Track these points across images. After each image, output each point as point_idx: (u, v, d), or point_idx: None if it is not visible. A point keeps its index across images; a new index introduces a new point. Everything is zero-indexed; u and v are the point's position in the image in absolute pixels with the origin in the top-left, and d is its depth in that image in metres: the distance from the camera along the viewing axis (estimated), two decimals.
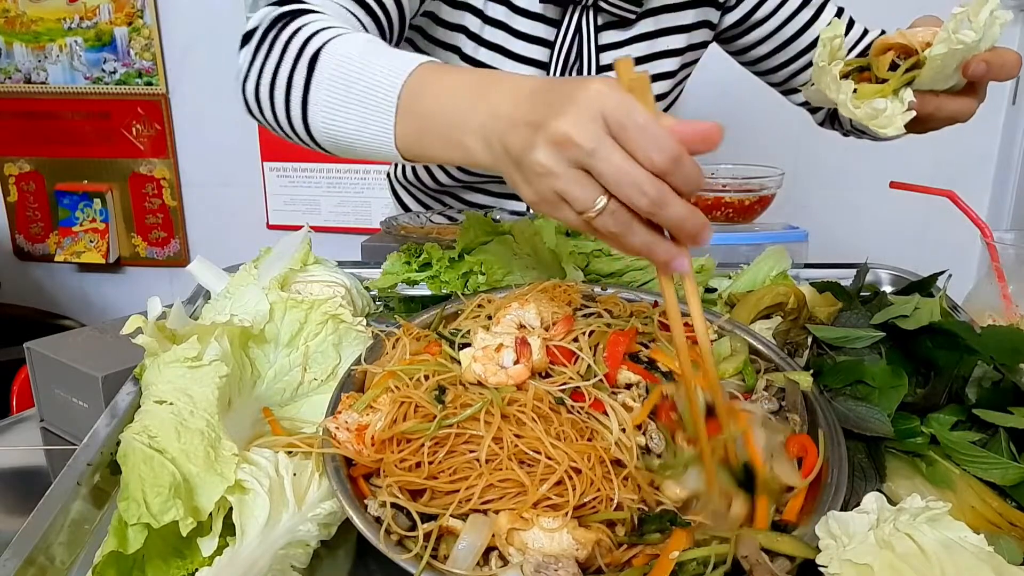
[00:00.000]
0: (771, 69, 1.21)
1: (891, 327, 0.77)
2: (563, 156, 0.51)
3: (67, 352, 0.87)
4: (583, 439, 0.61)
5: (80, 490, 0.65)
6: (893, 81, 0.80)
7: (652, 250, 0.54)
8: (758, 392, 0.71)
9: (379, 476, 0.63)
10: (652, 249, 0.53)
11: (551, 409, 0.63)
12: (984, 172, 2.22)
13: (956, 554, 0.51)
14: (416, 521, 0.58)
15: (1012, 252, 0.96)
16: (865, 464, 0.68)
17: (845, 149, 2.35)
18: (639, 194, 0.50)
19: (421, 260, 1.01)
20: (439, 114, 0.61)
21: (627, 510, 0.58)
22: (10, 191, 2.52)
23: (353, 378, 0.73)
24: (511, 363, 0.66)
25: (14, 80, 2.40)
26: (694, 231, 0.52)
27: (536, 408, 0.62)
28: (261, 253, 0.93)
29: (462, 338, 0.72)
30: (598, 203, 0.51)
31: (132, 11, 2.28)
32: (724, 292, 0.93)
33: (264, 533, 0.59)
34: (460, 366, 0.67)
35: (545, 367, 0.67)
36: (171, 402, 0.65)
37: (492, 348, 0.66)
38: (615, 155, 0.50)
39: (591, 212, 0.52)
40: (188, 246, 2.54)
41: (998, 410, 0.67)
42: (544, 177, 0.52)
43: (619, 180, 0.50)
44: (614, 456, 0.61)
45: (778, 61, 1.19)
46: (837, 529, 0.55)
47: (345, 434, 0.66)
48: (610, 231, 0.53)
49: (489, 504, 0.58)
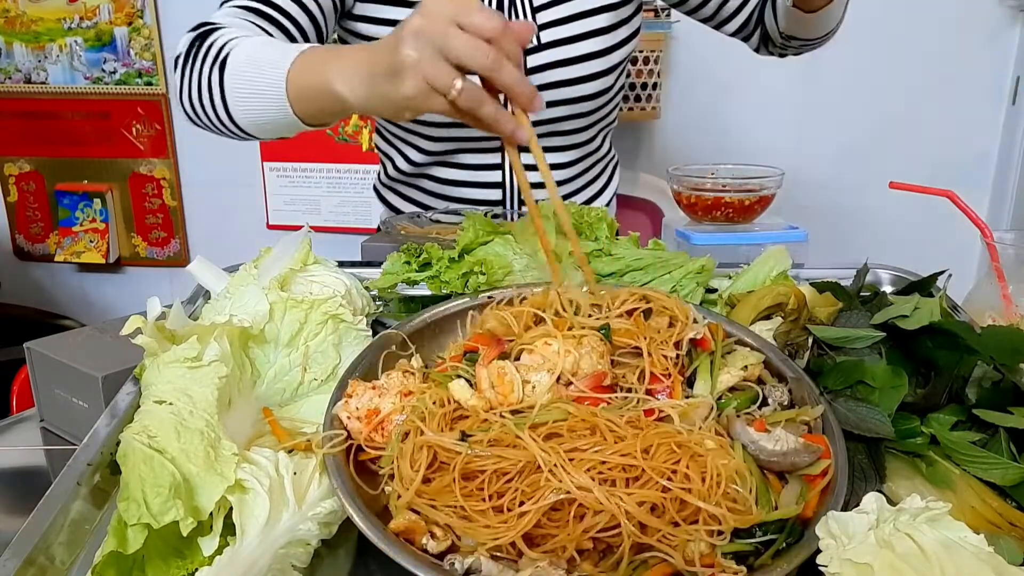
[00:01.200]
0: (700, 3, 1.22)
1: (891, 327, 0.77)
2: (422, 43, 0.66)
3: (67, 352, 0.87)
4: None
5: (80, 490, 0.64)
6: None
7: (499, 119, 0.68)
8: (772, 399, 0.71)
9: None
10: (499, 118, 0.68)
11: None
12: (984, 172, 2.22)
13: (956, 554, 0.51)
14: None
15: (1012, 252, 0.96)
16: (865, 464, 0.68)
17: (845, 149, 2.35)
18: (483, 57, 0.65)
19: (421, 260, 1.01)
20: (312, 80, 0.79)
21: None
22: (10, 191, 2.52)
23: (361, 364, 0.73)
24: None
25: (14, 80, 2.40)
26: (527, 94, 0.68)
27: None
28: (261, 253, 0.93)
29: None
30: (456, 83, 0.66)
31: (132, 11, 2.28)
32: (724, 292, 0.93)
33: (264, 532, 0.58)
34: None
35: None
36: (171, 402, 0.65)
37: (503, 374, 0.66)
38: (460, 35, 0.65)
39: (453, 92, 0.66)
40: (188, 246, 2.54)
41: (998, 410, 0.67)
42: (412, 68, 0.67)
43: (465, 50, 0.65)
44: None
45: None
46: (837, 529, 0.55)
47: (356, 423, 0.67)
48: (468, 107, 0.67)
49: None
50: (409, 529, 0.59)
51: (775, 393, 0.72)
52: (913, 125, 2.17)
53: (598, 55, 1.16)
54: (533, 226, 0.97)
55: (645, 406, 0.66)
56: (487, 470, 0.59)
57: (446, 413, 0.65)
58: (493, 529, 0.57)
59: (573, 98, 1.18)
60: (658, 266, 0.94)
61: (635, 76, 2.04)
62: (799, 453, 0.63)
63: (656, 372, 0.69)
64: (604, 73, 1.17)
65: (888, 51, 2.12)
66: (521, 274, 0.94)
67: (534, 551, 0.57)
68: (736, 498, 0.59)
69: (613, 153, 1.41)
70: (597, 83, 1.18)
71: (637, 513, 0.56)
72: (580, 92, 1.17)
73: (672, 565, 0.56)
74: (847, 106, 2.16)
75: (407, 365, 0.75)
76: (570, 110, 1.19)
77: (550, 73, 1.15)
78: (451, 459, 0.61)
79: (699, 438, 0.62)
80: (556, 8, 1.13)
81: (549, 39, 1.13)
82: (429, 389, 0.69)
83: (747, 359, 0.74)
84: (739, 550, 0.58)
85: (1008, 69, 2.14)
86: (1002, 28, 2.12)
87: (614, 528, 0.56)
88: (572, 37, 1.14)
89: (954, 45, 2.13)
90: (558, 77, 1.15)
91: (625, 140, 1.47)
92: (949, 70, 2.14)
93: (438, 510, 0.59)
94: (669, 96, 2.17)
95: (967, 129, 2.18)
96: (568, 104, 1.18)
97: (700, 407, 0.67)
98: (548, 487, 0.57)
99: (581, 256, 0.79)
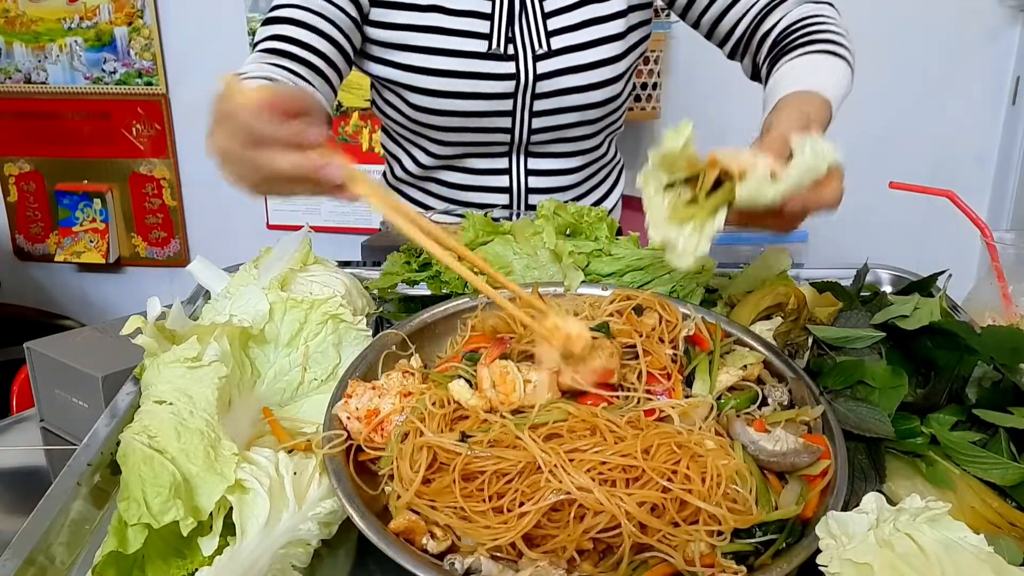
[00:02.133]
0: (697, 19, 1.17)
1: (891, 327, 0.77)
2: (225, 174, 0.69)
3: (67, 352, 0.87)
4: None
5: (80, 490, 0.65)
6: (701, 212, 0.70)
7: (302, 165, 0.65)
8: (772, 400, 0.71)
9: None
10: (302, 164, 0.65)
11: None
12: (984, 172, 2.22)
13: (956, 554, 0.51)
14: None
15: (1012, 252, 0.96)
16: (865, 464, 0.68)
17: (845, 149, 2.35)
18: (244, 144, 0.65)
19: (421, 260, 1.01)
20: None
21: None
22: (10, 191, 2.52)
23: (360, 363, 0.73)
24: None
25: (14, 80, 2.40)
26: (305, 138, 0.65)
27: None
28: (261, 253, 0.93)
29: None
30: (261, 189, 0.68)
31: (132, 11, 2.28)
32: (724, 292, 0.93)
33: (264, 532, 0.58)
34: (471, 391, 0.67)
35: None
36: (171, 402, 0.65)
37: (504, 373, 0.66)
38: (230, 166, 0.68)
39: (259, 192, 0.68)
40: (188, 246, 2.54)
41: (998, 410, 0.67)
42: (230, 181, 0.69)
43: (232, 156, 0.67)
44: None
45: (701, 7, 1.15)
46: (837, 529, 0.55)
47: (356, 424, 0.67)
48: (280, 190, 0.68)
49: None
50: (409, 529, 0.59)
51: (775, 393, 0.72)
52: (913, 125, 2.16)
53: (608, 62, 1.15)
54: (532, 227, 0.98)
55: (645, 406, 0.66)
56: (487, 471, 0.59)
57: (446, 414, 0.65)
58: (493, 530, 0.57)
59: (582, 105, 1.17)
60: (658, 266, 0.94)
61: (635, 76, 2.04)
62: (799, 453, 0.63)
63: (654, 372, 0.69)
64: (614, 80, 1.17)
65: (888, 51, 2.12)
66: (521, 274, 0.94)
67: (534, 551, 0.57)
68: (736, 498, 0.59)
69: (619, 157, 1.40)
70: (606, 90, 1.17)
71: (637, 513, 0.56)
72: (589, 99, 1.16)
73: (672, 565, 0.56)
74: (847, 106, 2.15)
75: (407, 365, 0.75)
76: (579, 117, 1.18)
77: (559, 80, 1.14)
78: (451, 460, 0.61)
79: (699, 438, 0.62)
80: (567, 15, 1.13)
81: (559, 46, 1.12)
82: (429, 390, 0.69)
83: (746, 359, 0.74)
84: (739, 550, 0.58)
85: (1008, 69, 2.14)
86: (1002, 28, 2.12)
87: (614, 528, 0.56)
88: (582, 44, 1.13)
89: (954, 45, 2.12)
90: (567, 84, 1.14)
91: (625, 140, 1.48)
92: (949, 70, 2.14)
93: (438, 511, 0.59)
94: (669, 96, 2.16)
95: (967, 129, 2.17)
96: (577, 111, 1.17)
97: (700, 407, 0.67)
98: (548, 488, 0.57)
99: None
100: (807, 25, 1.02)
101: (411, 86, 1.13)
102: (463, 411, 0.66)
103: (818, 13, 1.04)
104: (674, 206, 0.71)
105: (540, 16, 1.12)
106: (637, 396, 0.67)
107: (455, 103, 1.14)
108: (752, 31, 1.10)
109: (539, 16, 1.12)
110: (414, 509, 0.60)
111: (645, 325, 0.73)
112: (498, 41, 1.12)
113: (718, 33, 1.15)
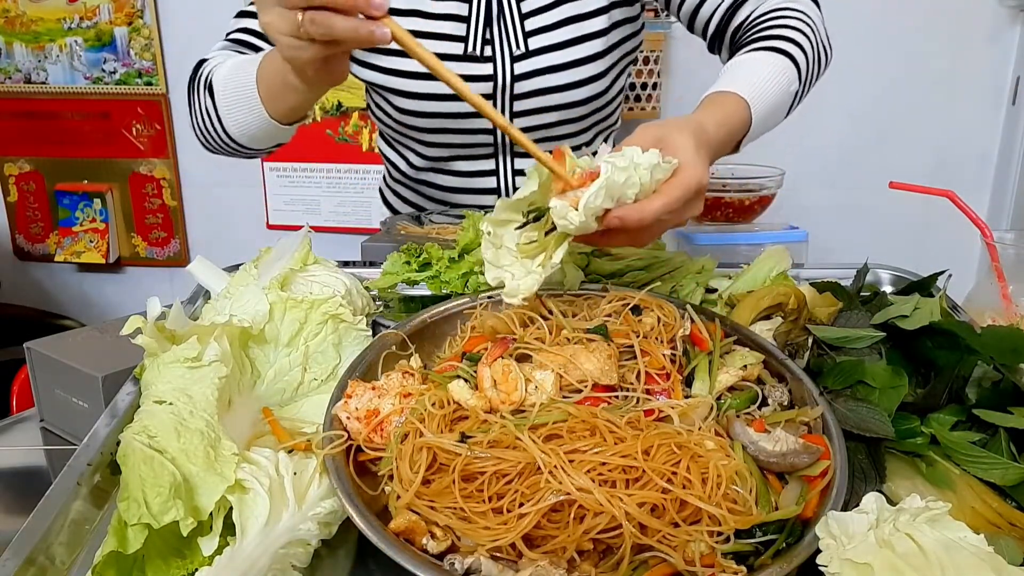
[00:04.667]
0: (677, 10, 1.17)
1: (891, 327, 0.77)
2: (264, 7, 0.73)
3: (67, 352, 0.87)
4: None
5: (80, 490, 0.64)
6: (546, 247, 0.72)
7: (356, 28, 0.68)
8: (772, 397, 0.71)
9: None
10: (356, 27, 0.68)
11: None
12: (984, 172, 2.22)
13: (956, 554, 0.51)
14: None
15: (1012, 252, 0.96)
16: (865, 464, 0.68)
17: (845, 149, 2.35)
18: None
19: (421, 260, 1.01)
20: (269, 68, 0.90)
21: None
22: (10, 191, 2.52)
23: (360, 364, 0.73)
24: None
25: (14, 80, 2.40)
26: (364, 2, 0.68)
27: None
28: (261, 253, 0.93)
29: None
30: (298, 18, 0.70)
31: (132, 11, 2.28)
32: (724, 292, 0.93)
33: (264, 532, 0.58)
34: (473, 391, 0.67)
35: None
36: (171, 402, 0.65)
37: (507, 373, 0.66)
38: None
39: (301, 29, 0.70)
40: (188, 246, 2.54)
41: (998, 410, 0.67)
42: (268, 28, 0.73)
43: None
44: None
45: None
46: (837, 529, 0.55)
47: (355, 424, 0.67)
48: (323, 33, 0.69)
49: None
50: (409, 529, 0.59)
51: (775, 393, 0.72)
52: (913, 125, 2.16)
53: (589, 60, 1.15)
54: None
55: (645, 406, 0.66)
56: (487, 471, 0.59)
57: (445, 414, 0.65)
58: (493, 531, 0.57)
59: (563, 104, 1.17)
60: (658, 266, 0.94)
61: (635, 76, 2.04)
62: (799, 454, 0.63)
63: (652, 372, 0.69)
64: (596, 78, 1.16)
65: (888, 51, 2.12)
66: None
67: (534, 552, 0.57)
68: (736, 499, 0.59)
69: None
70: (588, 88, 1.17)
71: (637, 514, 0.56)
72: (570, 98, 1.16)
73: (672, 565, 0.56)
74: (847, 106, 2.16)
75: (407, 366, 0.75)
76: (561, 116, 1.18)
77: (538, 80, 1.14)
78: (451, 460, 0.61)
79: (699, 439, 0.62)
80: (545, 14, 1.13)
81: (537, 46, 1.13)
82: (428, 390, 0.69)
83: (746, 359, 0.74)
84: (739, 550, 0.58)
85: (1008, 69, 2.14)
86: (1002, 28, 2.12)
87: (614, 529, 0.56)
88: (561, 43, 1.13)
89: (954, 45, 2.12)
90: (546, 84, 1.14)
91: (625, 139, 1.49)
92: (949, 70, 2.14)
93: (438, 511, 0.59)
94: (669, 96, 2.17)
95: (967, 129, 2.17)
96: (558, 110, 1.17)
97: (700, 407, 0.67)
98: (548, 488, 0.57)
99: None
100: (767, 19, 1.02)
101: (394, 89, 1.14)
102: (463, 412, 0.66)
103: (787, 7, 1.03)
104: (521, 245, 0.74)
105: (518, 17, 1.12)
106: (636, 396, 0.67)
107: (435, 105, 1.14)
108: (725, 24, 1.10)
109: (516, 17, 1.12)
110: (414, 509, 0.60)
111: (643, 325, 0.74)
112: (474, 43, 1.12)
113: (697, 26, 1.15)
